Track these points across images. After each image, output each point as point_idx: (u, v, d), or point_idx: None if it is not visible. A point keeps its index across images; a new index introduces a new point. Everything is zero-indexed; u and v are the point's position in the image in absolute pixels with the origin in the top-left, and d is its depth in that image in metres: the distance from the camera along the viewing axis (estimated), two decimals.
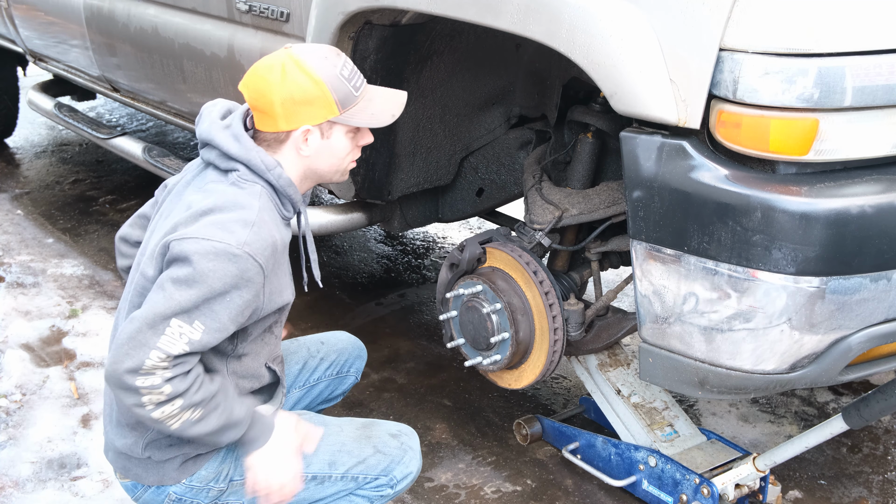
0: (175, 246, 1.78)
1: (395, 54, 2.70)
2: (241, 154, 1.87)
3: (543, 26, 2.04)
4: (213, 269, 1.75)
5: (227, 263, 1.76)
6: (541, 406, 3.21)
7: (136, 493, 2.04)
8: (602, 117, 2.62)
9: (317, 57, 1.87)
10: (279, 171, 1.89)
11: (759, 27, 1.79)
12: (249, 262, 1.78)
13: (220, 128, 1.91)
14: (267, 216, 1.86)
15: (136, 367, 1.74)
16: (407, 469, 2.09)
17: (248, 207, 1.83)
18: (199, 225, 1.79)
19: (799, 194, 1.82)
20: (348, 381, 2.44)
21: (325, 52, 1.90)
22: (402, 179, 3.05)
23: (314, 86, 1.85)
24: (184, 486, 2.00)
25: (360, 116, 1.92)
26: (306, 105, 1.86)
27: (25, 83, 5.85)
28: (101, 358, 3.45)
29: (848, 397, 3.27)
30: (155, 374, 1.75)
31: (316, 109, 1.86)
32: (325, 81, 1.86)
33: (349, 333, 2.49)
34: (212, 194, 1.86)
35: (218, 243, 1.76)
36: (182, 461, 1.99)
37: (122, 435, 1.98)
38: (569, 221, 2.61)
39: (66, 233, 4.62)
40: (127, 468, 2.01)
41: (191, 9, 3.23)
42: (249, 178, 1.88)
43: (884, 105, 1.82)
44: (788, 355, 1.95)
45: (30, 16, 4.45)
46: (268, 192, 1.89)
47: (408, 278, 4.21)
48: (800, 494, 2.78)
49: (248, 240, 1.79)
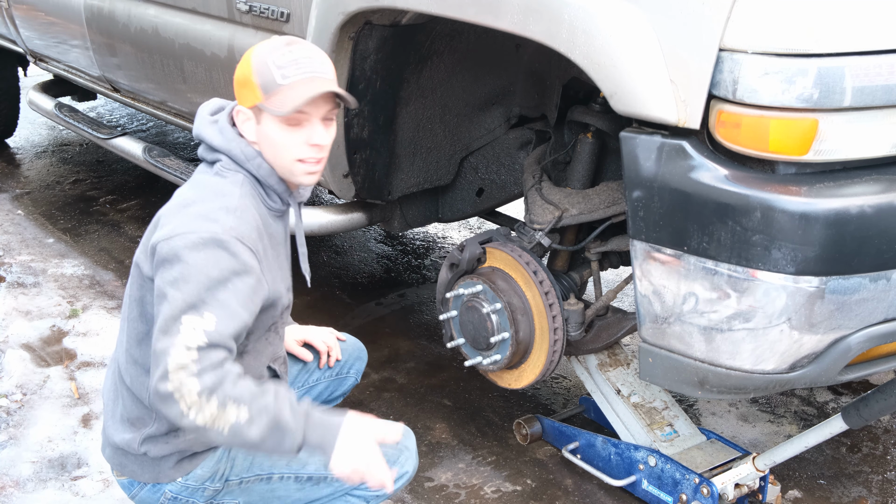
0: (163, 247, 1.79)
1: (396, 54, 2.70)
2: (223, 145, 1.92)
3: (543, 26, 2.04)
4: (206, 258, 1.75)
5: (218, 250, 1.76)
6: (541, 406, 3.22)
7: (133, 490, 2.04)
8: (602, 117, 2.62)
9: (272, 45, 1.89)
10: (259, 160, 1.91)
11: (758, 27, 1.79)
12: (239, 245, 1.78)
13: (208, 123, 1.96)
14: (249, 202, 1.88)
15: (163, 374, 1.70)
16: (403, 469, 2.08)
17: (229, 195, 1.86)
18: (183, 218, 1.82)
19: (798, 194, 1.82)
20: (348, 381, 2.44)
21: (284, 41, 1.89)
22: (402, 179, 3.05)
23: (245, 68, 1.88)
24: (179, 484, 2.00)
25: (274, 104, 1.83)
26: (241, 87, 1.90)
27: (26, 83, 5.85)
28: (101, 358, 3.45)
29: (847, 397, 3.27)
30: (181, 372, 1.69)
31: (247, 91, 1.88)
32: (253, 65, 1.86)
33: (349, 334, 2.50)
34: (194, 185, 1.92)
35: (204, 233, 1.77)
36: (178, 459, 1.99)
37: (122, 430, 1.99)
38: (569, 221, 2.62)
39: (66, 233, 4.63)
40: (123, 465, 2.02)
41: (191, 9, 3.24)
42: (231, 168, 1.92)
43: (883, 105, 1.82)
44: (788, 355, 1.95)
45: (30, 16, 4.45)
46: (250, 182, 1.92)
47: (408, 278, 4.21)
48: (799, 494, 2.78)
49: (233, 224, 1.80)
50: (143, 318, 1.92)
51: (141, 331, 1.92)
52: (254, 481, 2.04)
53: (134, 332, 1.94)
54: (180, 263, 1.75)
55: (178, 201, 1.88)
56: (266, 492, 2.05)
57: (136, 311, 1.92)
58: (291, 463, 2.03)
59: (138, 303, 1.91)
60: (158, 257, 1.79)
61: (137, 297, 1.91)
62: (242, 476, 2.03)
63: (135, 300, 1.92)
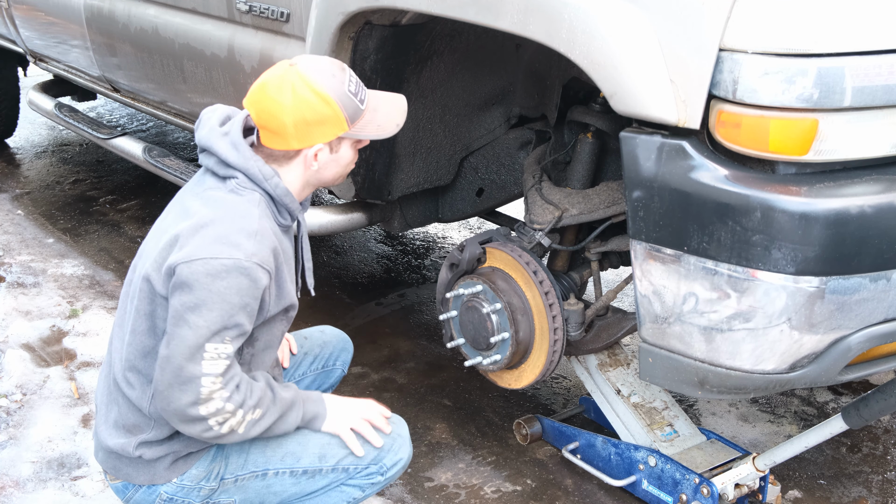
0: (183, 270, 1.79)
1: (396, 55, 2.70)
2: (240, 163, 1.89)
3: (543, 26, 2.04)
4: (228, 286, 1.78)
5: (240, 277, 1.79)
6: (541, 406, 3.22)
7: (127, 493, 2.05)
8: (602, 117, 2.62)
9: (325, 75, 1.89)
10: (276, 180, 1.92)
11: (758, 27, 1.79)
12: (260, 271, 1.82)
13: (219, 135, 1.92)
14: (266, 223, 1.89)
15: (195, 400, 1.81)
16: (397, 456, 2.10)
17: (248, 216, 1.85)
18: (203, 240, 1.80)
19: (798, 194, 1.82)
20: (335, 374, 2.46)
21: (332, 69, 1.92)
22: (402, 180, 3.05)
23: (326, 106, 1.87)
24: (175, 485, 2.01)
25: (367, 129, 1.97)
26: (319, 125, 1.88)
27: (26, 83, 5.86)
28: (101, 358, 3.45)
29: (847, 397, 3.27)
30: (214, 399, 1.82)
31: (328, 128, 1.90)
32: (335, 100, 1.88)
33: (333, 327, 2.52)
34: (210, 202, 1.89)
35: (227, 259, 1.78)
36: (173, 460, 1.99)
37: (116, 435, 1.99)
38: (569, 221, 2.61)
39: (66, 233, 4.63)
40: (118, 468, 2.02)
41: (191, 9, 3.24)
42: (248, 186, 1.90)
43: (883, 105, 1.82)
44: (788, 355, 1.95)
45: (30, 16, 4.45)
46: (265, 200, 1.92)
47: (408, 278, 4.21)
48: (799, 494, 2.78)
49: (254, 250, 1.81)
50: (151, 333, 1.91)
51: (148, 345, 1.92)
52: (249, 478, 2.04)
53: (140, 345, 1.93)
54: (202, 290, 1.77)
55: (195, 220, 1.85)
56: (262, 488, 2.05)
57: (145, 325, 1.91)
58: (286, 458, 2.04)
59: (148, 317, 1.90)
60: (178, 280, 1.80)
61: (147, 312, 1.90)
62: (238, 474, 2.04)
63: (144, 314, 1.91)
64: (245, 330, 1.84)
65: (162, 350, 1.84)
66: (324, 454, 2.05)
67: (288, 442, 2.04)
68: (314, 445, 2.05)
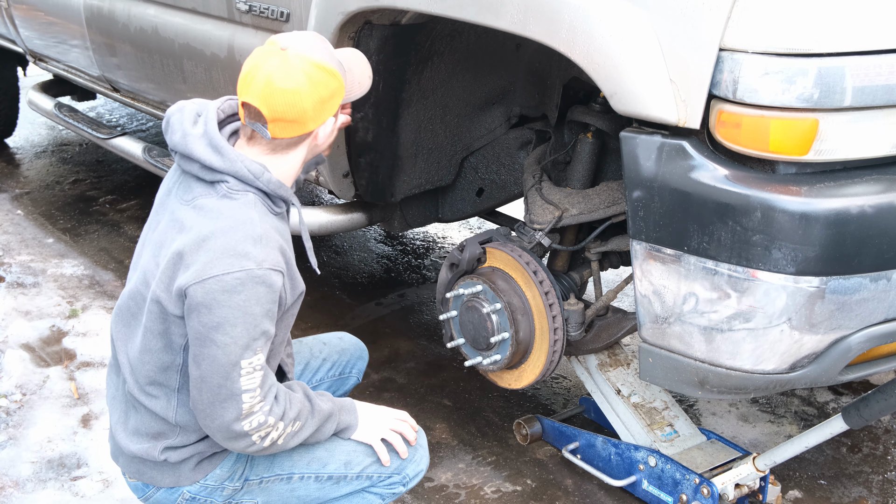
0: (196, 291, 1.75)
1: (396, 55, 2.69)
2: (226, 167, 1.82)
3: (543, 26, 2.04)
4: (247, 298, 1.76)
5: (257, 287, 1.76)
6: (541, 406, 3.21)
7: (147, 492, 2.04)
8: (602, 117, 2.62)
9: (320, 48, 1.88)
10: (268, 176, 1.86)
11: (758, 27, 1.79)
12: (274, 275, 1.79)
13: (196, 137, 1.84)
14: (267, 223, 1.85)
15: (237, 416, 1.81)
16: (418, 467, 2.12)
17: (249, 221, 1.80)
18: (210, 256, 1.75)
19: (799, 194, 1.82)
20: (350, 381, 2.45)
21: (321, 42, 1.90)
22: (404, 181, 3.05)
23: (334, 79, 1.87)
24: (198, 485, 2.00)
25: (354, 90, 1.98)
26: (331, 100, 1.88)
27: (25, 83, 5.85)
28: (100, 358, 3.45)
29: (848, 397, 3.27)
30: (256, 413, 1.82)
31: (336, 99, 1.90)
32: (338, 70, 1.88)
33: (350, 334, 2.50)
34: (205, 212, 1.81)
35: (239, 272, 1.75)
36: (198, 461, 1.99)
37: (138, 441, 1.98)
38: (569, 221, 2.61)
39: (66, 233, 4.63)
40: (141, 471, 2.01)
41: (191, 9, 3.23)
42: (240, 188, 1.84)
43: (883, 105, 1.82)
44: (788, 355, 1.95)
45: (30, 16, 4.45)
46: (259, 198, 1.87)
47: (408, 278, 4.21)
48: (800, 494, 2.78)
49: (263, 256, 1.78)
50: (168, 350, 1.89)
51: (166, 360, 1.90)
52: (274, 481, 2.04)
53: (157, 362, 1.90)
54: (221, 308, 1.74)
55: (195, 234, 1.79)
56: (286, 491, 2.06)
57: (160, 344, 1.88)
58: (312, 463, 2.04)
59: (161, 336, 1.87)
60: (193, 301, 1.76)
61: (160, 331, 1.86)
62: (263, 476, 2.04)
63: (157, 333, 1.87)
64: (271, 334, 1.83)
65: (193, 371, 1.80)
66: (350, 461, 2.05)
67: (316, 447, 2.04)
68: (341, 452, 2.05)
